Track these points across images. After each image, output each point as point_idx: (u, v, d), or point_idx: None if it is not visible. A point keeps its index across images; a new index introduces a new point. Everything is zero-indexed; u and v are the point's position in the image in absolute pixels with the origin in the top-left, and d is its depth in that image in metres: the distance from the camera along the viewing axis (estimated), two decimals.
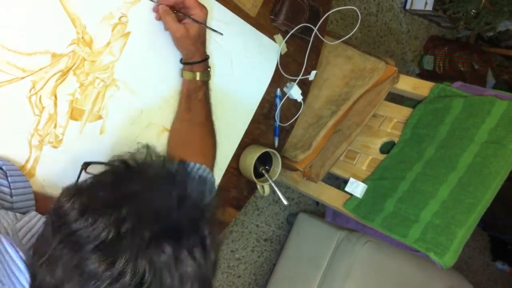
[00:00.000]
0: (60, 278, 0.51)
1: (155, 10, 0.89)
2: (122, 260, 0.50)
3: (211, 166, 0.95)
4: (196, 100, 0.93)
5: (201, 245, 0.56)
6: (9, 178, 0.72)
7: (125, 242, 0.51)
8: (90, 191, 0.56)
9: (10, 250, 0.57)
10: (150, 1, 0.89)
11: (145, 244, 0.51)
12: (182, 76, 0.94)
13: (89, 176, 0.62)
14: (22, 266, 0.56)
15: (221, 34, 0.96)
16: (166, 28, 0.90)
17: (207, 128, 0.95)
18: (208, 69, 0.95)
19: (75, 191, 0.56)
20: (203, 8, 0.90)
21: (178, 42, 0.90)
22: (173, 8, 0.88)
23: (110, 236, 0.51)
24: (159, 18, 0.90)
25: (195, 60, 0.92)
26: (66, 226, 0.53)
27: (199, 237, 0.56)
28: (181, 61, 0.94)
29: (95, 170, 0.63)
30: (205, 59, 0.93)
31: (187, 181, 0.59)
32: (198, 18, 0.89)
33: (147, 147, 0.61)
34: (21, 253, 0.57)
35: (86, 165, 0.65)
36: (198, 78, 0.92)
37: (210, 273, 0.58)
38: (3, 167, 0.73)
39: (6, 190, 0.71)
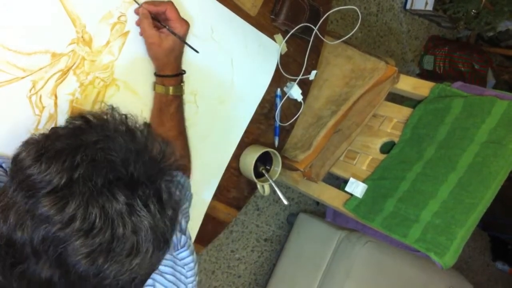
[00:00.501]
0: (13, 224, 0.52)
1: (137, 12, 0.88)
2: (72, 205, 0.50)
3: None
4: (168, 114, 0.91)
5: (157, 198, 0.56)
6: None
7: (76, 187, 0.51)
8: (47, 140, 0.56)
9: None
10: (136, 4, 0.88)
11: (97, 191, 0.52)
12: (154, 89, 0.92)
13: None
14: None
15: (197, 52, 0.93)
16: (141, 32, 0.88)
17: (180, 142, 0.94)
18: (182, 83, 0.92)
19: (33, 140, 0.56)
20: (184, 23, 0.88)
21: (149, 49, 0.89)
22: (154, 16, 0.87)
23: (62, 181, 0.51)
24: (139, 23, 0.88)
25: (167, 74, 0.89)
26: (20, 172, 0.53)
27: (155, 189, 0.56)
28: (155, 73, 0.92)
29: None
30: (178, 74, 0.91)
31: (148, 139, 0.59)
32: (177, 32, 0.87)
33: (112, 107, 0.61)
34: None
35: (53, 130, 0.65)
36: (170, 93, 0.90)
37: (167, 228, 0.58)
38: (3, 165, 0.73)
39: None
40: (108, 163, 0.54)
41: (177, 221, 0.61)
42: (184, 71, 0.93)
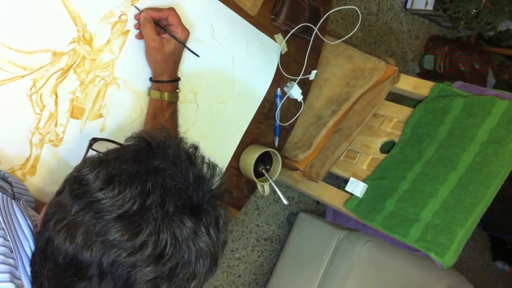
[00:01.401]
0: (80, 244, 0.52)
1: (136, 18, 0.88)
2: (146, 231, 0.51)
3: None
4: (162, 120, 0.91)
5: (215, 224, 0.57)
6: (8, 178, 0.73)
7: (149, 214, 0.52)
8: (114, 163, 0.56)
9: (19, 216, 0.60)
10: (141, 5, 0.88)
11: (168, 218, 0.53)
12: (149, 94, 0.91)
13: (99, 152, 0.63)
14: (28, 233, 0.59)
15: (198, 56, 0.94)
16: (143, 36, 0.88)
17: None
18: (177, 90, 0.92)
19: (99, 162, 0.56)
20: (185, 29, 0.89)
21: (149, 53, 0.88)
22: (155, 21, 0.87)
23: (135, 207, 0.52)
24: (138, 27, 0.88)
25: (163, 79, 0.89)
26: (89, 194, 0.53)
27: (215, 216, 0.57)
28: (150, 79, 0.92)
29: (102, 148, 0.64)
30: (174, 80, 0.91)
31: (202, 163, 0.61)
32: (178, 37, 0.88)
33: (164, 129, 0.63)
34: (29, 222, 0.59)
35: (94, 140, 0.65)
36: (165, 98, 0.90)
37: (220, 252, 0.59)
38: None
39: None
40: (175, 190, 0.55)
41: (227, 243, 0.63)
42: (179, 78, 0.93)
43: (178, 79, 0.93)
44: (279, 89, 1.14)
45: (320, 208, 2.24)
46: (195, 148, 0.62)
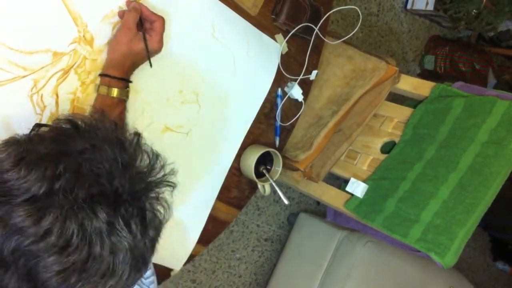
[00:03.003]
0: None
1: (128, 4, 0.85)
2: (49, 217, 0.47)
3: None
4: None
5: (140, 218, 0.53)
6: None
7: (56, 199, 0.48)
8: (29, 144, 0.52)
9: None
10: None
11: (77, 205, 0.49)
12: (97, 90, 0.84)
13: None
14: None
15: (151, 66, 0.90)
16: (122, 21, 0.84)
17: None
18: (127, 88, 0.85)
19: (14, 141, 0.53)
20: (161, 43, 0.87)
21: (114, 41, 0.84)
22: (141, 18, 0.85)
23: (41, 191, 0.48)
24: (122, 14, 0.84)
25: (115, 75, 0.83)
26: None
27: (139, 209, 0.53)
28: (100, 73, 0.85)
29: None
30: (125, 79, 0.85)
31: (137, 150, 0.56)
32: (150, 44, 0.85)
33: (102, 113, 0.58)
34: None
35: (38, 126, 0.60)
36: (114, 95, 0.83)
37: (147, 250, 0.55)
38: None
39: None
40: (92, 176, 0.51)
41: (158, 241, 0.58)
42: (131, 81, 0.87)
43: (129, 81, 0.86)
44: (279, 89, 1.14)
45: (321, 209, 2.24)
46: (137, 135, 0.58)
